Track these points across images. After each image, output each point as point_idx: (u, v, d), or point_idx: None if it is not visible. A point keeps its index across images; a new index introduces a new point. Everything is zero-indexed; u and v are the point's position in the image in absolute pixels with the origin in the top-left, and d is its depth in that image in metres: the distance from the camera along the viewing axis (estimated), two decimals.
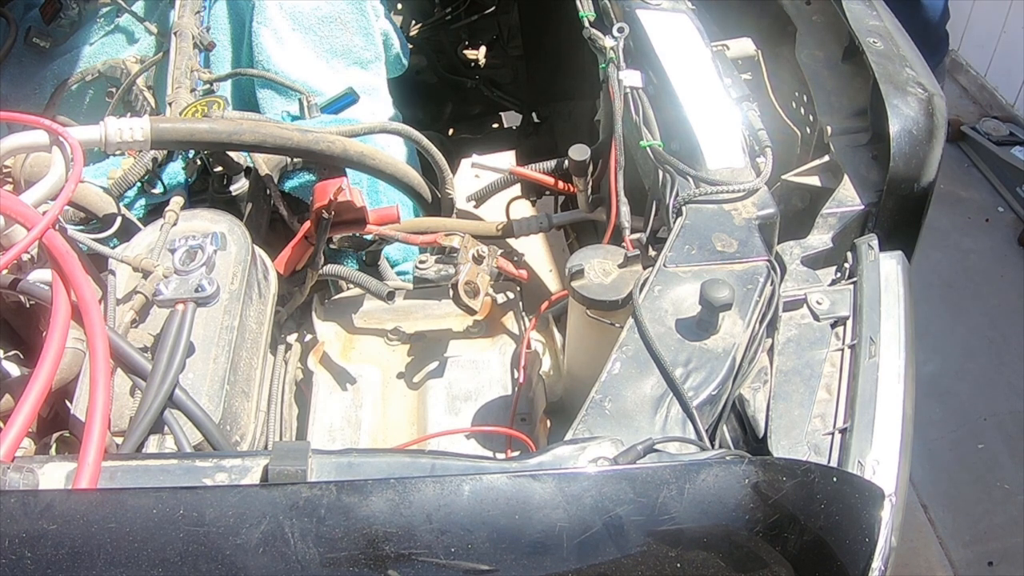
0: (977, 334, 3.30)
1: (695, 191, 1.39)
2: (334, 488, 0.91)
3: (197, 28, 1.87)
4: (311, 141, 1.52)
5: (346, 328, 1.64)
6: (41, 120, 1.28)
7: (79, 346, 1.27)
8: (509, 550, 0.89)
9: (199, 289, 1.28)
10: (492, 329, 1.65)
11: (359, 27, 1.94)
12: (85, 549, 0.86)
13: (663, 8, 1.74)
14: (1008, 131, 4.04)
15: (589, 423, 1.10)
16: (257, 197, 1.64)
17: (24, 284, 1.27)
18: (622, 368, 1.15)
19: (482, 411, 1.51)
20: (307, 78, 1.84)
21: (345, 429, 1.50)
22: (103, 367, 1.08)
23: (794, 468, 0.99)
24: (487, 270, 1.44)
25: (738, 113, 1.53)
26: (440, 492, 0.91)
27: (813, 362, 1.22)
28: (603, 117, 1.72)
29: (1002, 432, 3.04)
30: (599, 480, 0.94)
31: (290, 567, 0.86)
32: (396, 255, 1.76)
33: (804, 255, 1.37)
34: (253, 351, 1.38)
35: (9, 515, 0.87)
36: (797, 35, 1.71)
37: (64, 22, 2.14)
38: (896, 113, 1.42)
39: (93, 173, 1.58)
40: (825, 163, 1.52)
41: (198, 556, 0.86)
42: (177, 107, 1.70)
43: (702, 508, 0.93)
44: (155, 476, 1.01)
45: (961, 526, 2.83)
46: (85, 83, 2.02)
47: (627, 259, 1.35)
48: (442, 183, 1.73)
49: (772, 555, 0.95)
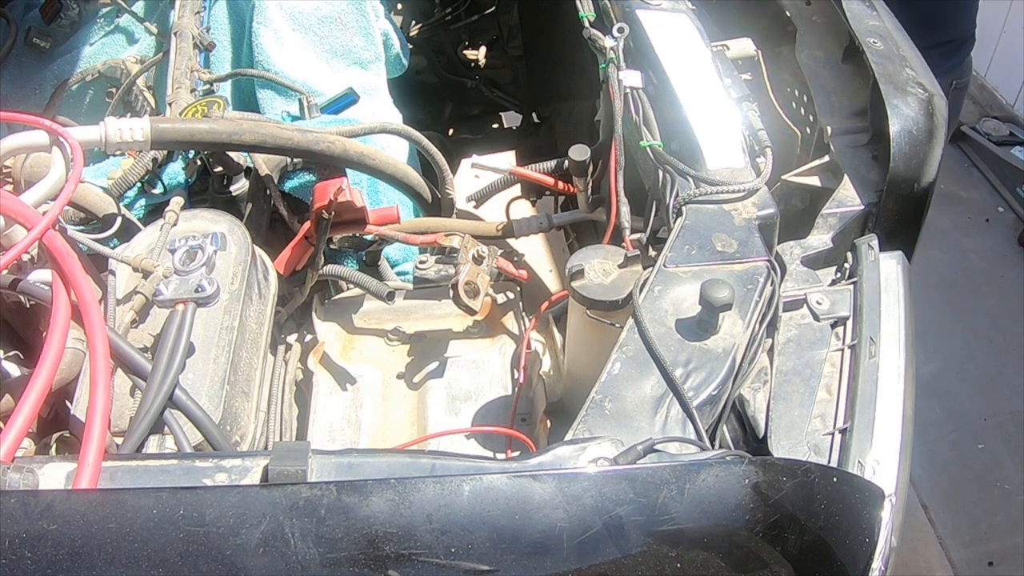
0: (977, 334, 3.30)
1: (695, 191, 1.39)
2: (334, 488, 0.91)
3: (197, 28, 1.87)
4: (311, 141, 1.52)
5: (346, 328, 1.64)
6: (41, 120, 1.28)
7: (79, 346, 1.27)
8: (509, 550, 0.89)
9: (199, 289, 1.28)
10: (492, 329, 1.65)
11: (359, 27, 1.94)
12: (85, 549, 0.86)
13: (663, 8, 1.74)
14: (1008, 131, 4.04)
15: (589, 423, 1.10)
16: (257, 197, 1.64)
17: (24, 284, 1.27)
18: (622, 368, 1.15)
19: (482, 411, 1.51)
20: (307, 78, 1.84)
21: (345, 429, 1.50)
22: (103, 367, 1.08)
23: (794, 468, 0.99)
24: (487, 270, 1.44)
25: (738, 113, 1.53)
26: (440, 492, 0.91)
27: (813, 362, 1.22)
28: (603, 117, 1.72)
29: (1002, 432, 3.04)
30: (599, 480, 0.94)
31: (290, 567, 0.86)
32: (396, 255, 1.76)
33: (804, 255, 1.37)
34: (253, 351, 1.38)
35: (9, 515, 0.87)
36: (797, 35, 1.71)
37: (64, 22, 2.14)
38: (896, 113, 1.42)
39: (93, 173, 1.58)
40: (825, 163, 1.52)
41: (198, 556, 0.86)
42: (177, 107, 1.70)
43: (702, 508, 0.93)
44: (155, 476, 1.01)
45: (961, 526, 2.83)
46: (85, 83, 2.02)
47: (627, 259, 1.35)
48: (442, 183, 1.73)
49: (772, 555, 0.95)
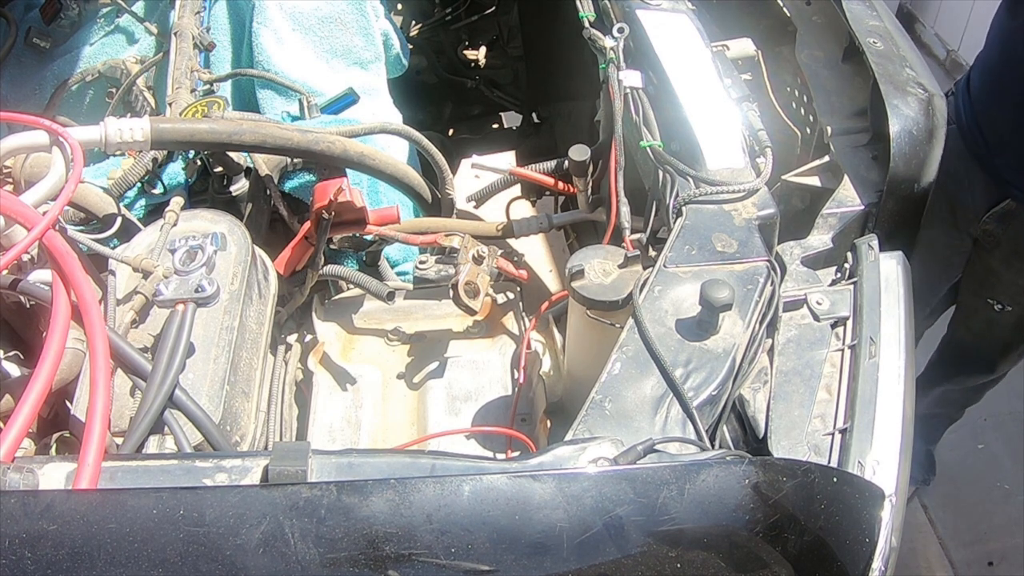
0: None
1: (695, 191, 1.39)
2: (334, 488, 0.91)
3: (197, 28, 1.87)
4: (311, 141, 1.52)
5: (346, 328, 1.64)
6: (41, 120, 1.28)
7: (79, 346, 1.27)
8: (509, 550, 0.89)
9: (199, 289, 1.28)
10: (492, 329, 1.65)
11: (359, 27, 1.94)
12: (85, 549, 0.86)
13: (663, 8, 1.74)
14: None
15: (589, 423, 1.10)
16: (257, 197, 1.64)
17: (24, 284, 1.27)
18: (622, 368, 1.15)
19: (482, 411, 1.51)
20: (307, 78, 1.84)
21: (345, 429, 1.50)
22: (103, 367, 1.08)
23: (794, 468, 0.99)
24: (487, 270, 1.44)
25: (738, 113, 1.53)
26: (440, 492, 0.91)
27: (813, 362, 1.22)
28: (603, 117, 1.72)
29: (1002, 432, 3.03)
30: (599, 480, 0.94)
31: (290, 567, 0.86)
32: (396, 255, 1.76)
33: (804, 255, 1.37)
34: (253, 351, 1.38)
35: (9, 515, 0.87)
36: (797, 35, 1.71)
37: (64, 22, 2.14)
38: (896, 113, 1.42)
39: (93, 173, 1.58)
40: (825, 163, 1.52)
41: (198, 556, 0.86)
42: (177, 107, 1.70)
43: (702, 508, 0.93)
44: (155, 476, 1.01)
45: (961, 526, 2.83)
46: (85, 83, 2.02)
47: (627, 259, 1.35)
48: (442, 183, 1.73)
49: (772, 555, 0.95)
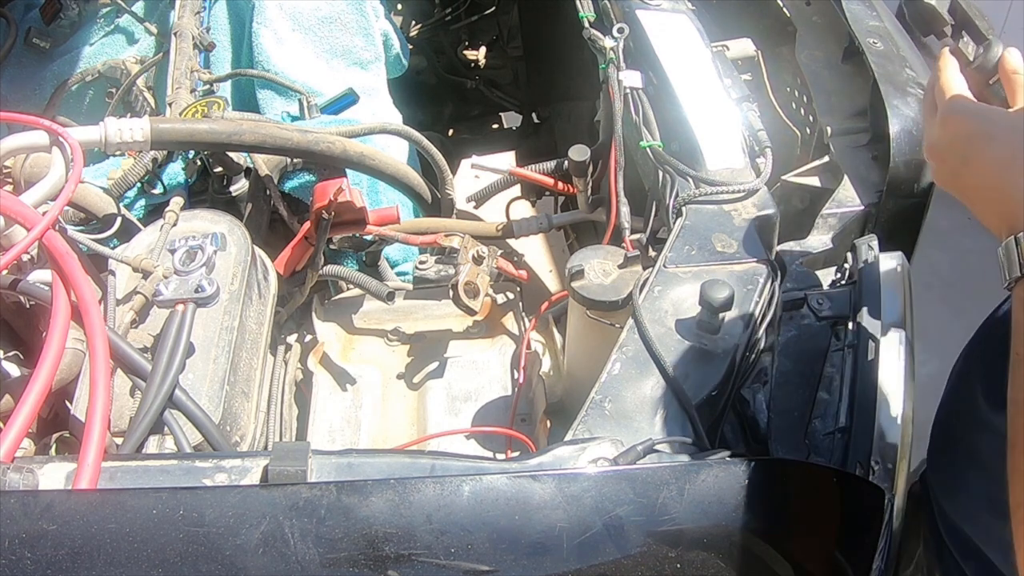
0: None
1: (695, 192, 1.39)
2: (334, 488, 0.91)
3: (197, 28, 1.87)
4: (311, 141, 1.52)
5: (346, 329, 1.64)
6: (41, 120, 1.28)
7: (79, 346, 1.27)
8: (509, 550, 0.89)
9: (199, 289, 1.28)
10: (492, 329, 1.65)
11: (359, 27, 1.94)
12: (85, 549, 0.86)
13: (663, 8, 1.73)
14: None
15: (589, 424, 1.09)
16: (257, 197, 1.64)
17: (24, 284, 1.27)
18: (622, 368, 1.15)
19: (482, 411, 1.51)
20: (307, 78, 1.84)
21: (345, 430, 1.50)
22: (103, 367, 1.08)
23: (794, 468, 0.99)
24: (487, 270, 1.44)
25: (738, 113, 1.53)
26: (440, 493, 0.91)
27: (813, 362, 1.22)
28: (603, 118, 1.72)
29: None
30: (599, 480, 0.94)
31: (290, 567, 0.86)
32: (396, 255, 1.76)
33: (804, 255, 1.37)
34: (253, 352, 1.38)
35: (9, 515, 0.87)
36: (797, 35, 1.71)
37: (64, 22, 2.13)
38: (896, 113, 1.42)
39: (93, 173, 1.58)
40: (825, 163, 1.52)
41: (198, 556, 0.86)
42: (177, 108, 1.70)
43: (702, 508, 0.93)
44: (155, 476, 1.01)
45: None
46: (85, 83, 2.01)
47: (627, 259, 1.35)
48: (442, 183, 1.73)
49: (772, 555, 0.95)
